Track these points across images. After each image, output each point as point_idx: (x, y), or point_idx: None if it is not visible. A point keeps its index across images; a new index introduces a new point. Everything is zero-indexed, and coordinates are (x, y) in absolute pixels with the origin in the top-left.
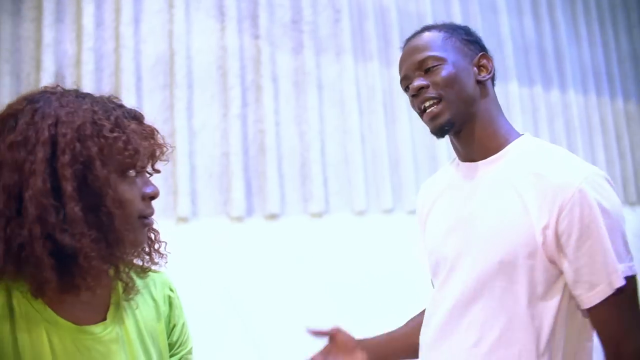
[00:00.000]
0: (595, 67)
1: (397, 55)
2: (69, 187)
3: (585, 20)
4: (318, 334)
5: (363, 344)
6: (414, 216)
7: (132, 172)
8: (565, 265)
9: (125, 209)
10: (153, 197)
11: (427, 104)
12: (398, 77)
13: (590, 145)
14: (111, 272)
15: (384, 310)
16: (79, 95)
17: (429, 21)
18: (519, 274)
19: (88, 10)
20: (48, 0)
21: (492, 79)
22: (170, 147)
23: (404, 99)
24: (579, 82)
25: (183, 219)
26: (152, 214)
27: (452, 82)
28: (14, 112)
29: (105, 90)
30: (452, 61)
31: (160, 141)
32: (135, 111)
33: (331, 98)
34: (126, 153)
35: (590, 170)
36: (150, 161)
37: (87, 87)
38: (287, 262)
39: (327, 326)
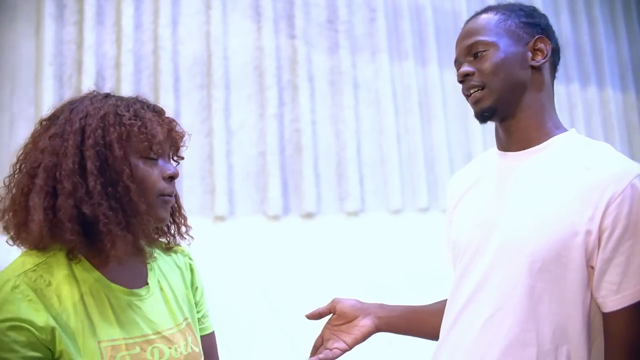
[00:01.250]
0: (634, 64)
1: (432, 54)
2: (90, 165)
3: (624, 17)
4: (318, 316)
5: (370, 310)
6: None
7: (152, 154)
8: (598, 262)
9: (144, 185)
10: (173, 177)
11: (471, 90)
12: (433, 76)
13: (629, 143)
14: (141, 244)
15: None
16: (108, 95)
17: (464, 19)
18: (540, 270)
19: (127, 13)
20: (89, 4)
21: (554, 64)
22: (188, 134)
23: (439, 98)
24: (617, 79)
25: (220, 218)
26: (172, 192)
27: (498, 69)
28: (57, 112)
29: (145, 90)
30: (502, 46)
31: (179, 129)
32: (155, 105)
33: (367, 97)
34: (142, 136)
35: None
36: (173, 148)
37: (127, 88)
38: (323, 261)
39: (323, 305)
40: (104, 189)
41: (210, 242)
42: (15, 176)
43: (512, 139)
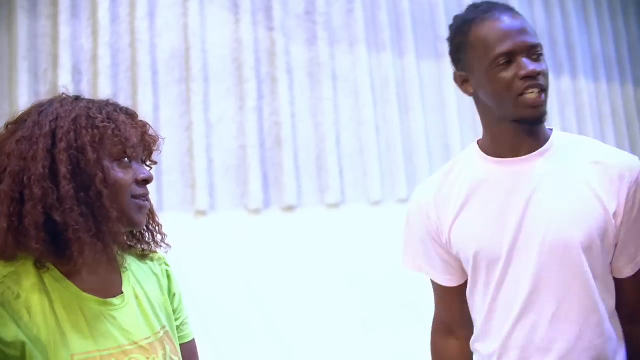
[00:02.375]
0: (605, 54)
1: (409, 45)
2: (63, 169)
3: (596, 8)
4: None
5: None
6: None
7: (125, 159)
8: (620, 238)
9: (116, 189)
10: (146, 181)
11: (537, 89)
12: (411, 67)
13: (601, 132)
14: (114, 252)
15: (399, 298)
16: (78, 98)
17: (441, 11)
18: (589, 257)
19: (103, 6)
20: None
21: None
22: (162, 138)
23: (417, 89)
24: (589, 69)
25: (201, 212)
26: (144, 195)
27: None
28: (25, 115)
29: (122, 85)
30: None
31: (152, 133)
32: (127, 108)
33: (345, 89)
34: (116, 139)
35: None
36: (146, 152)
37: (104, 82)
38: (305, 253)
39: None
40: (76, 194)
41: (191, 237)
42: None
43: (526, 143)
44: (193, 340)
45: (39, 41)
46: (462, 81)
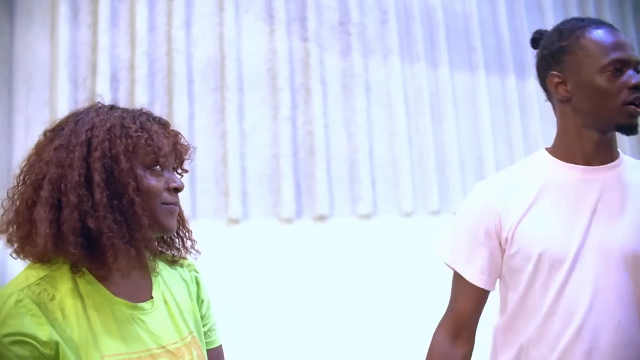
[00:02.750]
0: None
1: (443, 56)
2: (97, 177)
3: (634, 18)
4: None
5: None
6: None
7: (157, 167)
8: None
9: (148, 197)
10: (178, 189)
11: None
12: (444, 78)
13: (638, 143)
14: (147, 256)
15: (430, 309)
16: (113, 107)
17: (475, 22)
18: None
19: (141, 15)
20: (103, 6)
21: None
22: (193, 147)
23: (450, 100)
24: None
25: (234, 221)
26: (175, 202)
27: None
28: (62, 123)
29: (159, 93)
30: None
31: (184, 142)
32: (160, 117)
33: (379, 100)
34: (148, 149)
35: None
36: (178, 161)
37: (141, 90)
38: (336, 263)
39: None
40: (110, 201)
41: (224, 245)
42: (19, 188)
43: (601, 155)
44: (220, 346)
45: (79, 50)
46: (558, 83)
